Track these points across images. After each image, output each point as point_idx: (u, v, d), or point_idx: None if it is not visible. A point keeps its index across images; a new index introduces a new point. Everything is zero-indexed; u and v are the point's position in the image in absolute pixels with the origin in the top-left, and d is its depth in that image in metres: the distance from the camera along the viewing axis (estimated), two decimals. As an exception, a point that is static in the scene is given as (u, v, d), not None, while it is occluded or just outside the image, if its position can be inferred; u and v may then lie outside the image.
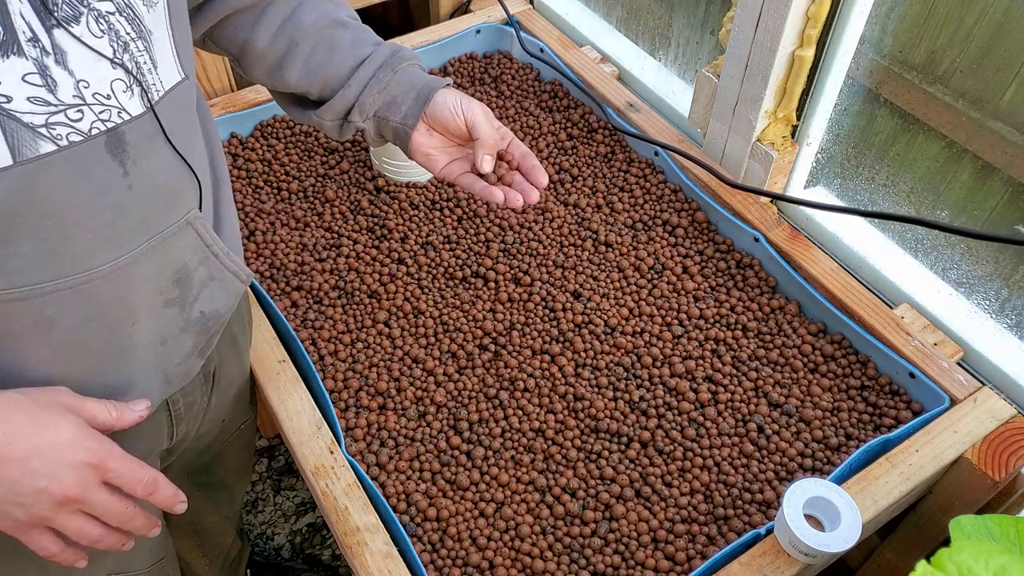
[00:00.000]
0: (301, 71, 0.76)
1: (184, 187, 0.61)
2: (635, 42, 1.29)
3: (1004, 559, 0.42)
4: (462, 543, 0.79)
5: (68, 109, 0.50)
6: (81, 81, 0.50)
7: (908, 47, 0.87)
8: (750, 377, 0.90)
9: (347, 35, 0.76)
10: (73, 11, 0.49)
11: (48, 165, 0.50)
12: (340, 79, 0.76)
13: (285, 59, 0.75)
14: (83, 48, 0.49)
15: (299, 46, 0.75)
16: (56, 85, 0.49)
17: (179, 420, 0.76)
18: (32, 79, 0.48)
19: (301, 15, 0.75)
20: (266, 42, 0.75)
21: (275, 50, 0.75)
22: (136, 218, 0.57)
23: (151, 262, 0.60)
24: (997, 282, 0.89)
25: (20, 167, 0.48)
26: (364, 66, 0.75)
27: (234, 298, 0.71)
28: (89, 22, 0.49)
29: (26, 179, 0.49)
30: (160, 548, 0.84)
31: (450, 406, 0.89)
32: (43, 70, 0.48)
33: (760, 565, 0.72)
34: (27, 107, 0.48)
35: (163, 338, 0.64)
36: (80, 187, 0.52)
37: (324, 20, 0.75)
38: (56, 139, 0.49)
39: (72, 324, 0.56)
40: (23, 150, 0.48)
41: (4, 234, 0.50)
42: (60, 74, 0.49)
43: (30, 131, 0.48)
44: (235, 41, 0.76)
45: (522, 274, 1.01)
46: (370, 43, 0.77)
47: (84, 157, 0.51)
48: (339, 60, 0.75)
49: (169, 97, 0.57)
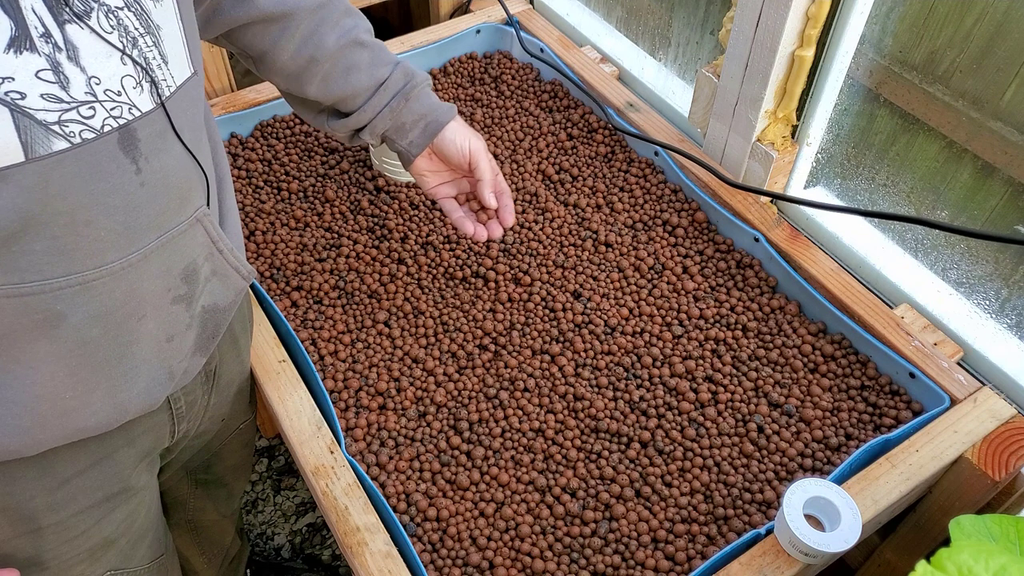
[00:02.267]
0: (319, 87, 0.80)
1: (193, 184, 0.61)
2: (635, 42, 1.29)
3: (1004, 559, 0.42)
4: (462, 543, 0.79)
5: (81, 106, 0.49)
6: (93, 78, 0.50)
7: (908, 47, 0.87)
8: (750, 377, 0.90)
9: (365, 55, 0.80)
10: (85, 6, 0.48)
11: (61, 163, 0.49)
12: (356, 100, 0.81)
13: (304, 74, 0.79)
14: (95, 44, 0.49)
15: (319, 64, 0.78)
16: (69, 82, 0.48)
17: (180, 418, 0.76)
18: (45, 75, 0.47)
19: (324, 34, 0.77)
20: (287, 56, 0.77)
21: (295, 64, 0.78)
22: (148, 215, 0.57)
23: (161, 259, 0.60)
24: (997, 282, 0.89)
25: (33, 164, 0.48)
26: (380, 92, 0.81)
27: (235, 294, 0.71)
28: (100, 17, 0.49)
29: (39, 177, 0.49)
30: (161, 544, 0.84)
31: (450, 406, 0.89)
32: (56, 66, 0.48)
33: (760, 565, 0.72)
34: (40, 104, 0.47)
35: (169, 334, 0.64)
36: (93, 185, 0.52)
37: (344, 40, 0.78)
38: (69, 136, 0.49)
39: (81, 320, 0.56)
40: (36, 147, 0.48)
41: (17, 231, 0.50)
42: (72, 71, 0.49)
43: (43, 128, 0.48)
44: (254, 47, 0.78)
45: (522, 274, 1.01)
46: (387, 64, 0.82)
47: (97, 155, 0.51)
48: (356, 81, 0.80)
49: (180, 93, 0.57)
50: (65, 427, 0.62)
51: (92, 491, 0.69)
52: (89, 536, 0.71)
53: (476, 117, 1.21)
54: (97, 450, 0.68)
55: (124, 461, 0.71)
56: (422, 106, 0.83)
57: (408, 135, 0.84)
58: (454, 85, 1.28)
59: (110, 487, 0.71)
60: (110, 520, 0.73)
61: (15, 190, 0.48)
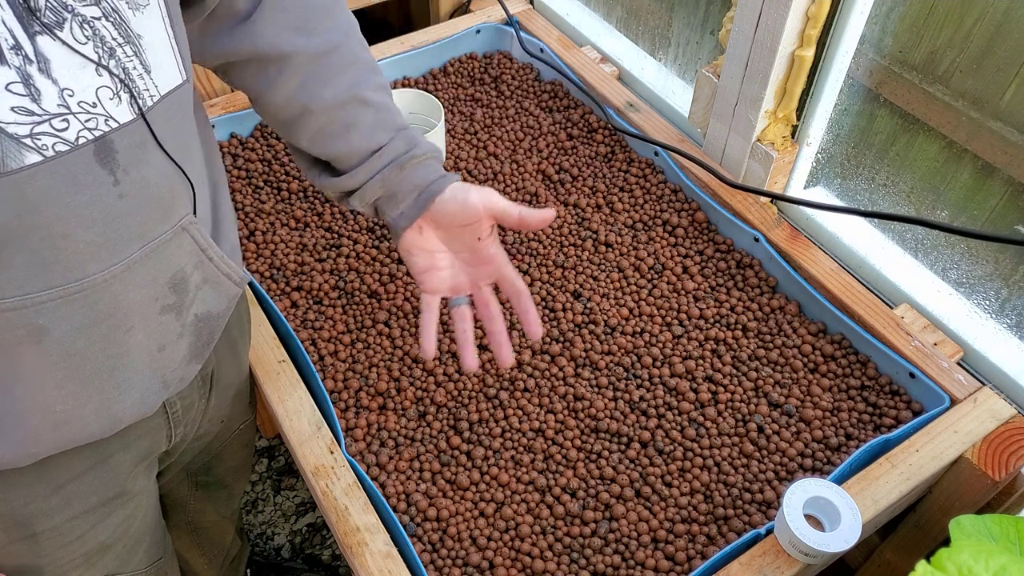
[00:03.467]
0: (311, 140, 0.73)
1: (178, 193, 0.60)
2: (635, 42, 1.29)
3: (1004, 559, 0.42)
4: (462, 543, 0.79)
5: (53, 119, 0.48)
6: (65, 90, 0.49)
7: (908, 47, 0.87)
8: (750, 377, 0.90)
9: (368, 116, 0.72)
10: (57, 16, 0.47)
11: (34, 176, 0.48)
12: (350, 161, 0.73)
13: (296, 124, 0.72)
14: (66, 55, 0.48)
15: (313, 116, 0.71)
16: (40, 94, 0.47)
17: (177, 423, 0.75)
18: (15, 88, 0.46)
19: (321, 84, 0.70)
20: (280, 101, 0.71)
21: (287, 112, 0.71)
22: (129, 226, 0.56)
23: (145, 269, 0.59)
24: (997, 282, 0.89)
25: (5, 178, 0.47)
26: (374, 158, 0.72)
27: (228, 300, 0.70)
28: (73, 28, 0.48)
29: (12, 191, 0.48)
30: (159, 547, 0.84)
31: (450, 406, 0.89)
32: (26, 79, 0.47)
33: (760, 565, 0.72)
34: (11, 117, 0.46)
35: (160, 344, 0.64)
36: (69, 198, 0.51)
37: (345, 95, 0.70)
38: (41, 149, 0.48)
39: (65, 333, 0.56)
40: (8, 161, 0.47)
41: None
42: (44, 83, 0.47)
43: (14, 142, 0.47)
44: (250, 88, 0.72)
45: (522, 274, 1.01)
46: (390, 128, 0.73)
47: (72, 167, 0.50)
48: (353, 142, 0.72)
49: (166, 101, 0.56)
50: (58, 438, 0.61)
51: (88, 496, 0.69)
52: (85, 541, 0.71)
53: (476, 117, 1.21)
54: (92, 455, 0.67)
55: (120, 465, 0.70)
56: (419, 176, 0.72)
57: (399, 205, 0.73)
58: (454, 85, 1.28)
59: (106, 492, 0.70)
60: (106, 525, 0.72)
61: None
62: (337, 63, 0.70)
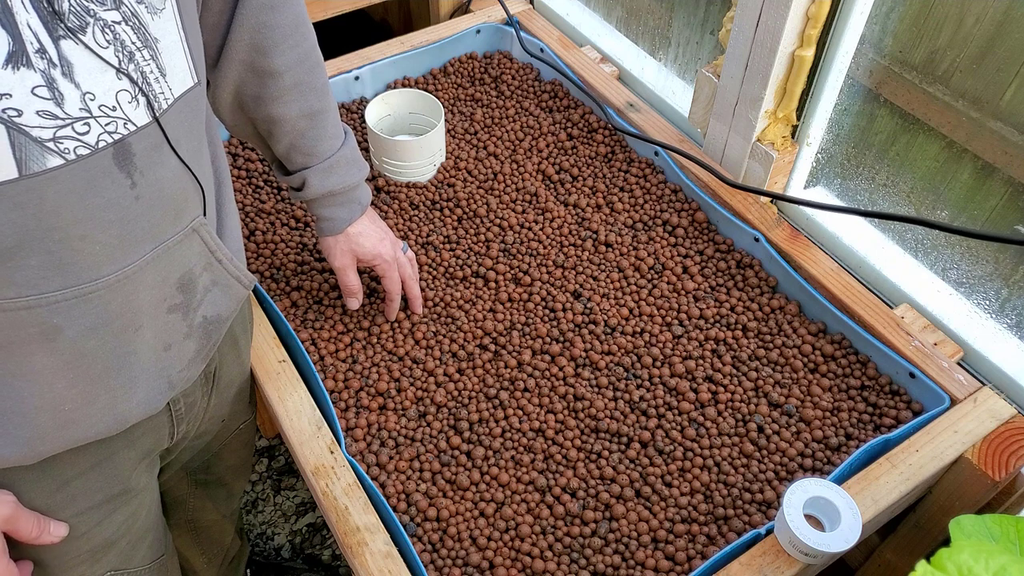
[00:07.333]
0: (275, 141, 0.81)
1: (189, 194, 0.61)
2: (635, 42, 1.29)
3: (1004, 559, 0.42)
4: (462, 543, 0.79)
5: (75, 122, 0.49)
6: (87, 94, 0.49)
7: (908, 47, 0.87)
8: (750, 377, 0.90)
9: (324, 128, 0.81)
10: (80, 21, 0.48)
11: (55, 179, 0.49)
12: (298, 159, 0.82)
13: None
14: (89, 59, 0.49)
15: (279, 125, 0.79)
16: (63, 98, 0.48)
17: (180, 420, 0.76)
18: (40, 92, 0.47)
19: (289, 102, 0.77)
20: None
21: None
22: (143, 228, 0.57)
23: (156, 270, 0.60)
24: (997, 282, 0.89)
25: (26, 181, 0.48)
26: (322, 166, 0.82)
27: (236, 303, 0.71)
28: (95, 32, 0.49)
29: (33, 193, 0.49)
30: (161, 545, 0.84)
31: (450, 406, 0.89)
32: (51, 83, 0.47)
33: (760, 565, 0.72)
34: (36, 121, 0.47)
35: (167, 344, 0.64)
36: (88, 200, 0.52)
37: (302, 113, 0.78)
38: (64, 153, 0.49)
39: (78, 332, 0.56)
40: (30, 164, 0.48)
41: (12, 247, 0.50)
42: (67, 87, 0.48)
43: (38, 145, 0.48)
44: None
45: (522, 274, 1.01)
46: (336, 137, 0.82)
47: (92, 170, 0.51)
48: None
49: (179, 104, 0.57)
50: (65, 437, 0.62)
51: (92, 493, 0.69)
52: (90, 537, 0.71)
53: (476, 117, 1.21)
54: (97, 452, 0.68)
55: (124, 462, 0.71)
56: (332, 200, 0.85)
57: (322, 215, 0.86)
58: (454, 85, 1.28)
59: (110, 488, 0.71)
60: (111, 521, 0.73)
61: (8, 206, 0.48)
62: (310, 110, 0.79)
